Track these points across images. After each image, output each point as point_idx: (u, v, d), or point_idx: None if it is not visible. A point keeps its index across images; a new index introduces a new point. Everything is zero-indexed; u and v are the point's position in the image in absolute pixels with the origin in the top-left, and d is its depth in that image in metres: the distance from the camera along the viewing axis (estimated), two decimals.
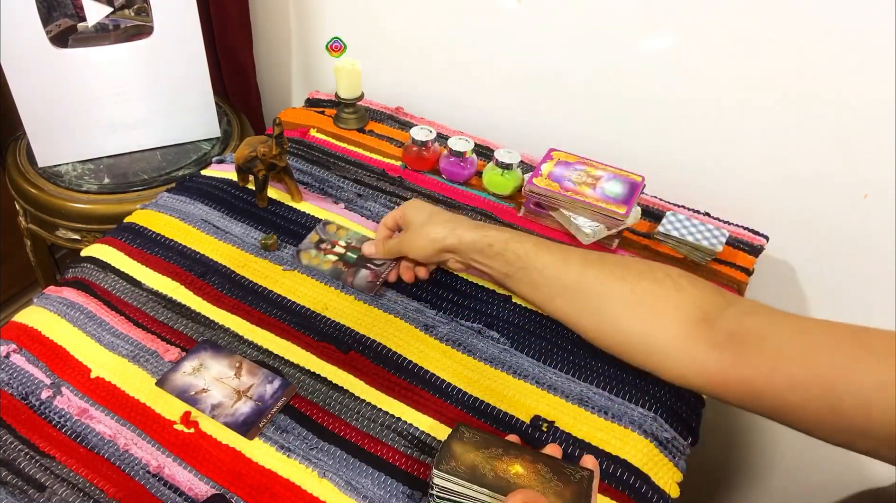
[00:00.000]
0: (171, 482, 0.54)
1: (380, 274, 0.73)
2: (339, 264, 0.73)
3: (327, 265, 0.73)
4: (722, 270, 0.79)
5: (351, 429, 0.58)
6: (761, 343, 0.50)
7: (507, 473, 0.49)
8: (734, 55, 0.82)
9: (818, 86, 0.80)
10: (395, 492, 0.54)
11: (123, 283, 0.70)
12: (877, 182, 0.82)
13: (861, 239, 0.87)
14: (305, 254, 0.74)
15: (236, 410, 0.59)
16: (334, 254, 0.75)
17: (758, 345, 0.50)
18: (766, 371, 0.49)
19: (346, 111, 0.97)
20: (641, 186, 0.81)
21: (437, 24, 1.00)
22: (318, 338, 0.66)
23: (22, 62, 0.92)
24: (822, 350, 0.47)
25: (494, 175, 0.85)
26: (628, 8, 0.85)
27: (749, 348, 0.50)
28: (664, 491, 0.57)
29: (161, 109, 1.04)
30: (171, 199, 0.81)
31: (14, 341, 0.63)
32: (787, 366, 0.48)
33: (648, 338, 0.55)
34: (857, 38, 0.75)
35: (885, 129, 0.78)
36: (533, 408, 0.61)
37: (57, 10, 0.95)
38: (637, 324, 0.56)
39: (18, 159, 1.04)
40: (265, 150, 0.75)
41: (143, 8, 0.98)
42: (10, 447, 0.55)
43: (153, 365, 0.62)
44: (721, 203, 0.89)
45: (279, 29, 1.18)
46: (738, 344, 0.51)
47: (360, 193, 0.85)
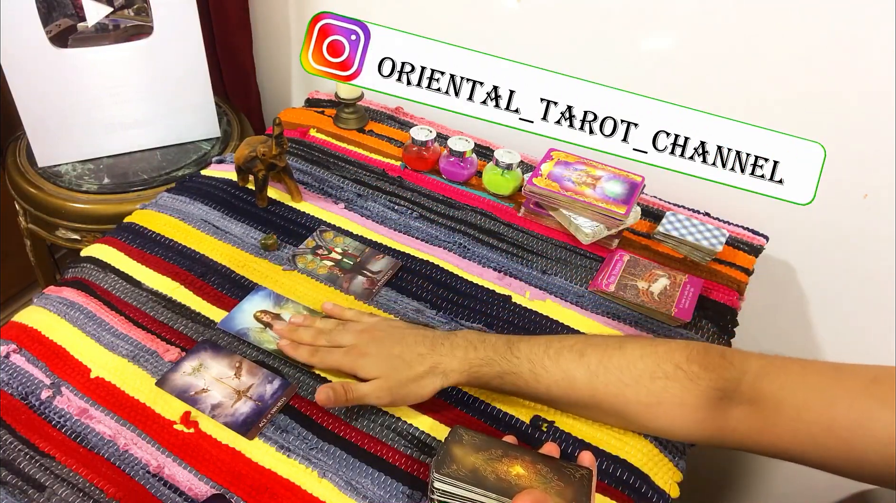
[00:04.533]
0: (171, 482, 0.54)
1: (376, 281, 0.72)
2: (336, 270, 0.73)
3: (323, 270, 0.73)
4: (722, 270, 0.79)
5: (351, 429, 0.58)
6: (779, 408, 0.51)
7: (508, 475, 0.49)
8: (733, 55, 0.82)
9: (818, 85, 0.80)
10: (395, 492, 0.54)
11: (123, 283, 0.70)
12: (877, 182, 0.82)
13: (861, 239, 0.87)
14: (301, 259, 0.74)
15: (236, 410, 0.59)
16: (330, 260, 0.74)
17: (776, 410, 0.51)
18: (787, 435, 0.51)
19: (345, 111, 0.97)
20: (641, 186, 0.81)
21: (437, 24, 1.00)
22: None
23: (22, 62, 0.92)
24: (839, 407, 0.49)
25: (494, 175, 0.85)
26: (628, 8, 0.85)
27: (769, 415, 0.52)
28: (664, 491, 0.57)
29: (161, 109, 1.04)
30: (171, 199, 0.81)
31: (14, 341, 0.63)
32: (808, 428, 0.50)
33: (673, 429, 0.57)
34: (857, 37, 0.75)
35: (885, 128, 0.78)
36: (532, 408, 0.61)
37: (57, 10, 0.95)
38: (660, 421, 0.56)
39: (18, 159, 1.04)
40: (265, 150, 0.75)
41: (143, 8, 0.98)
42: (10, 447, 0.55)
43: (153, 365, 0.62)
44: (721, 203, 0.89)
45: (279, 29, 1.18)
46: (760, 411, 0.52)
47: (359, 193, 0.85)
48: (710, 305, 0.74)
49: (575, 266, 0.77)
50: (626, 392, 0.56)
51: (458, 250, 0.78)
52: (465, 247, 0.78)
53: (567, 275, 0.76)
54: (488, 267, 0.76)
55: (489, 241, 0.80)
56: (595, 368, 0.57)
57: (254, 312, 0.68)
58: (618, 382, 0.56)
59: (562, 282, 0.75)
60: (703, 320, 0.72)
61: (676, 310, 0.71)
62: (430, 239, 0.79)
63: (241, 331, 0.66)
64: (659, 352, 0.56)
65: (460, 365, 0.58)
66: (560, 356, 0.58)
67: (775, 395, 0.51)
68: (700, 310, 0.73)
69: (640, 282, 0.74)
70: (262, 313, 0.67)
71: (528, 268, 0.76)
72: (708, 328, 0.72)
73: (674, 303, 0.71)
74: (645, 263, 0.77)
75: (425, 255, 0.77)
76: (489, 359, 0.58)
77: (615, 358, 0.57)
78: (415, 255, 0.76)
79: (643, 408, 0.56)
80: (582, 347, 0.58)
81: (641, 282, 0.74)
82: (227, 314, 0.67)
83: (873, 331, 0.93)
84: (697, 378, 0.54)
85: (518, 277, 0.75)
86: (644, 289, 0.73)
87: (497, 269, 0.76)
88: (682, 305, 0.71)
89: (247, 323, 0.66)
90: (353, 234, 0.79)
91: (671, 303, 0.71)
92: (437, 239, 0.79)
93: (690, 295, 0.73)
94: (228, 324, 0.66)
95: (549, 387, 0.58)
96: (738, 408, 0.53)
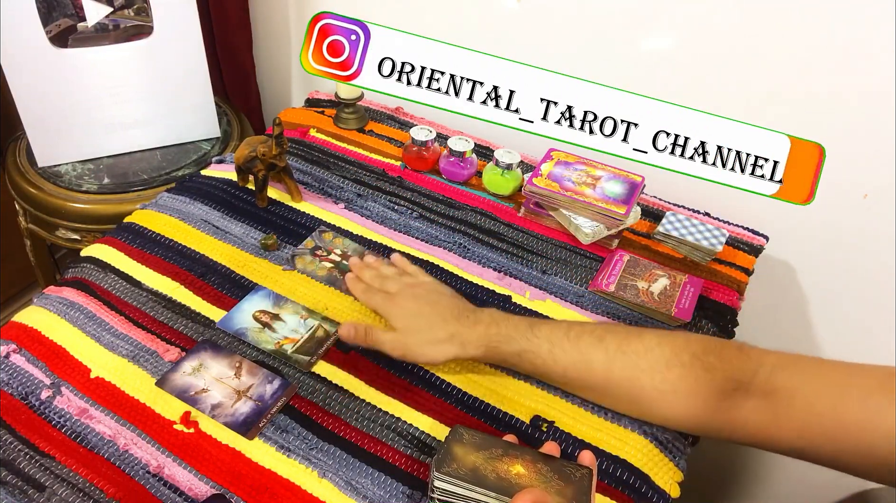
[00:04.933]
0: (171, 482, 0.54)
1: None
2: (335, 271, 0.73)
3: (322, 272, 0.73)
4: (722, 270, 0.79)
5: (351, 429, 0.58)
6: (792, 400, 0.51)
7: (508, 474, 0.49)
8: (733, 55, 0.82)
9: (818, 85, 0.80)
10: (395, 492, 0.54)
11: (123, 283, 0.70)
12: (876, 182, 0.82)
13: (861, 239, 0.87)
14: (300, 259, 0.74)
15: (236, 410, 0.59)
16: (329, 262, 0.74)
17: (789, 402, 0.51)
18: (797, 428, 0.51)
19: (345, 111, 0.97)
20: (641, 186, 0.81)
21: (437, 24, 1.00)
22: None
23: (22, 62, 0.92)
24: (851, 401, 0.49)
25: (494, 175, 0.85)
26: (628, 8, 0.85)
27: (781, 406, 0.52)
28: (664, 491, 0.57)
29: (161, 109, 1.04)
30: (171, 199, 0.81)
31: (14, 341, 0.63)
32: (818, 421, 0.50)
33: (688, 419, 0.57)
34: (857, 37, 0.75)
35: (885, 128, 0.78)
36: (533, 408, 0.61)
37: (57, 10, 0.95)
38: (675, 409, 0.57)
39: (18, 159, 1.04)
40: (265, 150, 0.75)
41: (143, 8, 0.98)
42: (10, 447, 0.55)
43: (153, 365, 0.62)
44: (721, 203, 0.89)
45: (279, 29, 1.18)
46: (771, 403, 0.52)
47: (359, 193, 0.85)
48: (710, 305, 0.74)
49: (575, 266, 0.77)
50: (642, 378, 0.56)
51: (458, 250, 0.78)
52: (465, 247, 0.78)
53: (567, 275, 0.76)
54: (488, 267, 0.76)
55: (489, 241, 0.80)
56: (613, 353, 0.58)
57: (253, 312, 0.68)
58: (634, 368, 0.57)
59: (562, 282, 0.75)
60: (703, 320, 0.72)
61: (676, 310, 0.71)
62: (430, 239, 0.79)
63: (239, 330, 0.66)
64: (677, 341, 0.57)
65: (479, 338, 0.60)
66: (580, 339, 0.59)
67: (788, 388, 0.52)
68: (700, 310, 0.73)
69: (640, 282, 0.74)
70: (261, 313, 0.67)
71: (528, 268, 0.76)
72: (708, 328, 0.72)
73: (674, 303, 0.71)
74: (645, 263, 0.77)
75: (425, 255, 0.77)
76: (509, 336, 0.60)
77: (633, 344, 0.58)
78: (415, 255, 0.76)
79: (657, 395, 0.56)
80: (602, 333, 0.59)
81: (641, 282, 0.74)
82: (226, 314, 0.67)
83: (873, 331, 0.93)
84: (713, 369, 0.54)
85: (518, 277, 0.75)
86: (644, 290, 0.73)
87: (497, 269, 0.76)
88: (682, 305, 0.71)
89: (245, 322, 0.66)
90: (352, 234, 0.79)
91: (671, 304, 0.71)
92: (437, 239, 0.79)
93: (690, 295, 0.73)
94: (227, 324, 0.66)
95: (567, 369, 0.59)
96: (751, 400, 0.53)
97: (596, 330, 0.60)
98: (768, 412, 0.52)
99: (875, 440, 0.47)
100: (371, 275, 0.70)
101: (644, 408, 0.58)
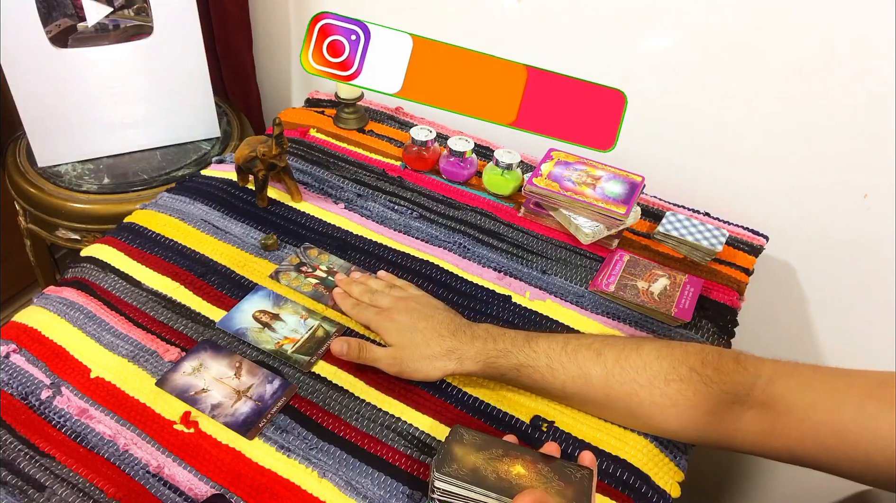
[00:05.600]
0: (171, 482, 0.54)
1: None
2: (320, 287, 0.72)
3: (307, 288, 0.71)
4: (722, 270, 0.79)
5: (351, 429, 0.58)
6: (789, 411, 0.52)
7: (508, 474, 0.49)
8: (734, 56, 0.82)
9: (818, 85, 0.80)
10: (395, 492, 0.54)
11: (123, 283, 0.70)
12: (876, 182, 0.82)
13: (861, 239, 0.87)
14: (285, 276, 0.72)
15: (236, 410, 0.59)
16: (315, 278, 0.73)
17: (786, 412, 0.52)
18: (796, 436, 0.51)
19: (345, 111, 0.97)
20: (641, 186, 0.81)
21: (437, 24, 1.00)
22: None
23: (22, 62, 0.92)
24: (847, 409, 0.49)
25: (494, 175, 0.85)
26: (628, 8, 0.85)
27: (778, 417, 0.52)
28: (665, 491, 0.57)
29: (161, 109, 1.04)
30: (170, 199, 0.81)
31: (14, 341, 0.63)
32: (815, 429, 0.50)
33: (688, 431, 0.57)
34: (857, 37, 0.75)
35: (885, 128, 0.78)
36: (533, 408, 0.61)
37: (57, 10, 0.95)
38: (674, 422, 0.57)
39: (18, 159, 1.04)
40: (265, 150, 0.75)
41: (143, 8, 0.98)
42: (10, 447, 0.55)
43: (153, 365, 0.62)
44: (721, 203, 0.89)
45: (279, 29, 1.18)
46: (769, 414, 0.53)
47: (359, 193, 0.85)
48: (710, 305, 0.74)
49: (575, 266, 0.77)
50: (641, 393, 0.56)
51: (458, 250, 0.78)
52: (465, 247, 0.78)
53: (567, 275, 0.76)
54: (488, 267, 0.76)
55: (489, 241, 0.80)
56: (611, 367, 0.57)
57: (252, 312, 0.67)
58: (632, 382, 0.57)
59: (562, 282, 0.75)
60: (702, 320, 0.72)
61: (676, 310, 0.70)
62: (430, 239, 0.79)
63: (239, 330, 0.65)
64: (675, 354, 0.57)
65: (477, 353, 0.60)
66: (577, 353, 0.58)
67: (785, 398, 0.52)
68: (700, 310, 0.73)
69: (640, 282, 0.74)
70: (261, 313, 0.67)
71: (528, 268, 0.76)
72: (708, 328, 0.72)
73: (674, 303, 0.71)
74: (645, 263, 0.77)
75: (425, 255, 0.77)
76: (506, 350, 0.60)
77: (631, 358, 0.57)
78: (415, 255, 0.76)
79: (656, 410, 0.56)
80: (600, 346, 0.59)
81: (641, 282, 0.74)
82: (226, 314, 0.67)
83: (873, 331, 0.93)
84: (711, 382, 0.55)
85: (518, 277, 0.75)
86: (644, 290, 0.73)
87: (497, 269, 0.76)
88: (681, 305, 0.71)
89: (245, 322, 0.66)
90: (351, 235, 0.78)
91: (671, 304, 0.71)
92: (436, 239, 0.79)
93: (690, 295, 0.73)
94: (227, 324, 0.66)
95: (565, 384, 0.58)
96: (749, 411, 0.53)
97: (594, 343, 0.59)
98: (766, 422, 0.52)
99: (871, 446, 0.47)
100: (360, 290, 0.68)
101: (643, 421, 0.58)
